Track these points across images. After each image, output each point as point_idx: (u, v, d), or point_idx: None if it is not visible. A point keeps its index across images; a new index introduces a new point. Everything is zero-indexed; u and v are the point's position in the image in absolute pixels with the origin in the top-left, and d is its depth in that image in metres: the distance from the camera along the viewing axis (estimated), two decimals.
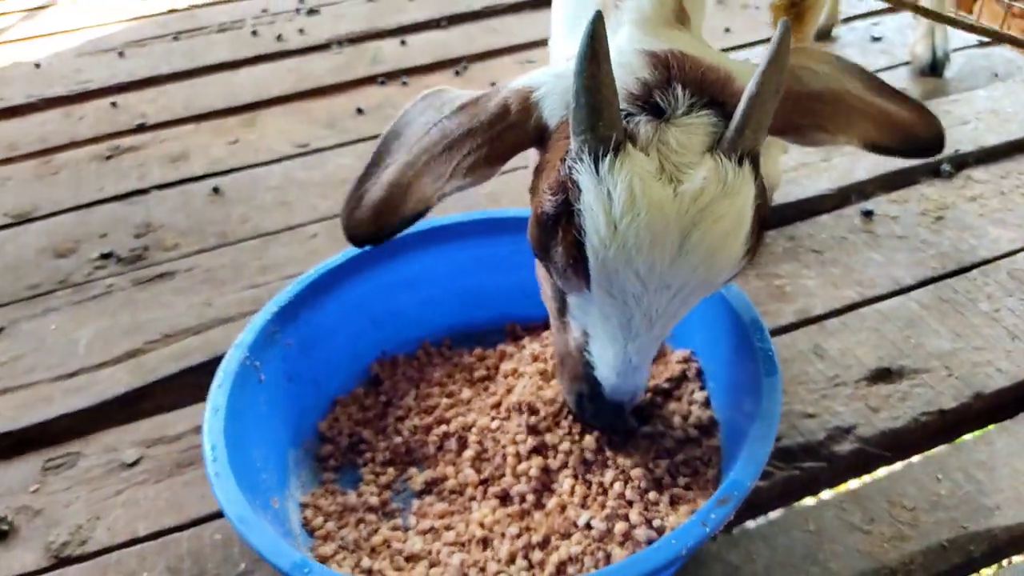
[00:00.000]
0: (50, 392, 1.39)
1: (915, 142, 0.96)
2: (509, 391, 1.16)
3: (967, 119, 1.86)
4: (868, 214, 1.60)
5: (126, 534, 1.15)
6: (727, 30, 2.42)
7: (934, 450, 1.17)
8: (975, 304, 1.37)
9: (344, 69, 2.42)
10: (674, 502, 1.01)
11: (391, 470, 1.15)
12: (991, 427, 1.19)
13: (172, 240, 1.77)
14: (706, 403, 1.12)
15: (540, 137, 0.88)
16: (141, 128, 2.23)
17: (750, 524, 1.08)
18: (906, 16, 2.38)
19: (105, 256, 1.73)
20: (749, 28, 2.43)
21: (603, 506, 1.01)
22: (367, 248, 0.93)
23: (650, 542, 0.96)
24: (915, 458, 1.16)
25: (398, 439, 1.18)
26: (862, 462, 1.15)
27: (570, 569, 0.96)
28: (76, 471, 1.26)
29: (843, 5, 2.44)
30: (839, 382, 1.25)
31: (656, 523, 0.99)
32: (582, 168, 0.78)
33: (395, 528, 1.08)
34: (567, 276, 0.85)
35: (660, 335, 0.89)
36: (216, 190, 1.91)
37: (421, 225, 0.97)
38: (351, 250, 1.25)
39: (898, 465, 1.15)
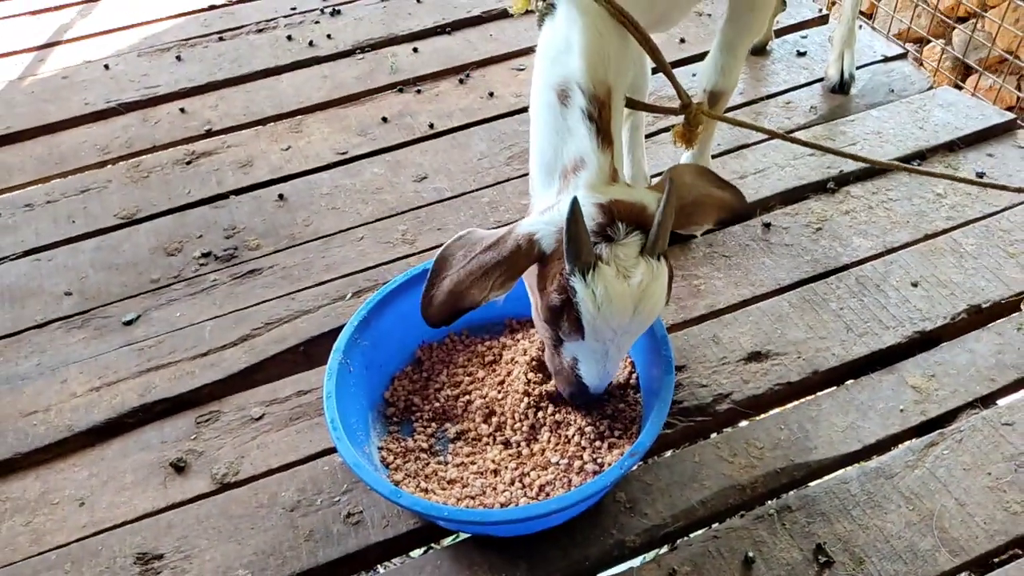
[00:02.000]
0: (191, 368, 2.01)
1: (737, 214, 1.59)
2: (509, 374, 1.79)
3: (856, 140, 2.43)
4: (767, 225, 2.19)
5: (264, 467, 1.80)
6: (682, 40, 2.94)
7: (780, 409, 1.81)
8: (827, 304, 1.99)
9: (367, 77, 2.94)
10: (611, 447, 1.65)
11: (433, 424, 1.79)
12: (820, 394, 1.83)
13: (254, 241, 2.36)
14: (636, 385, 1.75)
15: (541, 258, 1.47)
16: (209, 133, 2.77)
17: (659, 457, 1.73)
18: (827, 30, 2.90)
19: (205, 255, 2.32)
20: (702, 38, 2.94)
21: (567, 450, 1.65)
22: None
23: (595, 473, 1.61)
24: (768, 414, 1.80)
25: (437, 404, 1.81)
26: (733, 417, 1.80)
27: (547, 489, 1.61)
28: (220, 424, 1.90)
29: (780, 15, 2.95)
30: (726, 362, 1.88)
31: (599, 461, 1.63)
32: (576, 279, 1.38)
33: (439, 463, 1.72)
34: (570, 334, 1.47)
35: (622, 355, 1.53)
36: (281, 196, 2.48)
37: None
38: (401, 276, 1.85)
39: (756, 419, 1.80)
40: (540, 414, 1.71)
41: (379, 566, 1.67)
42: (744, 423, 1.80)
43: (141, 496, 1.78)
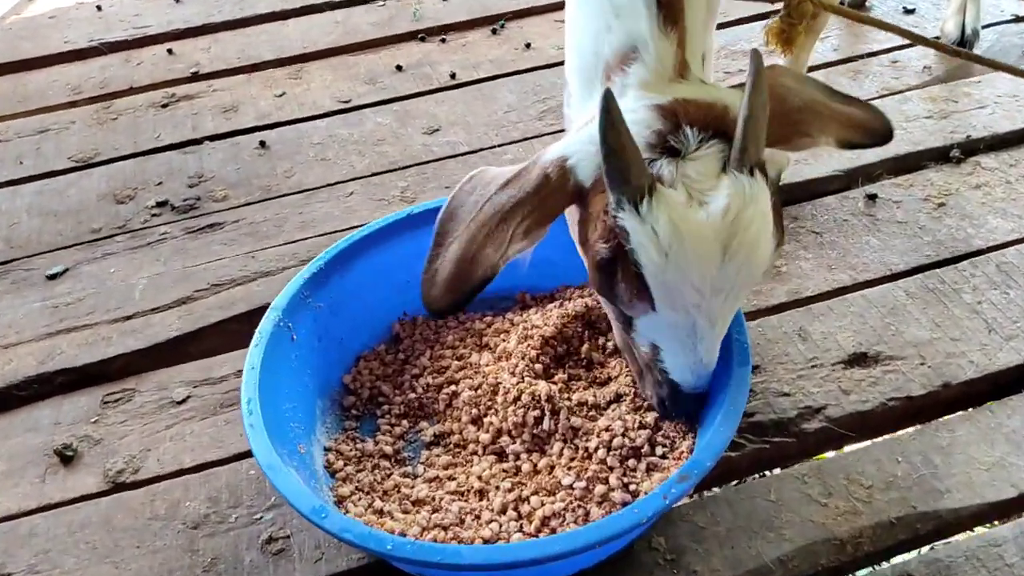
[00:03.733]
0: (109, 333, 1.56)
1: (874, 136, 1.09)
2: (512, 359, 1.28)
3: (985, 103, 1.89)
4: (872, 197, 1.67)
5: (173, 465, 1.32)
6: None
7: (898, 433, 1.28)
8: (959, 295, 1.45)
9: (386, 24, 2.50)
10: (650, 469, 1.14)
11: (405, 422, 1.30)
12: (954, 415, 1.29)
13: (222, 192, 1.91)
14: None
15: (579, 195, 1.01)
16: (195, 76, 2.35)
17: (718, 490, 1.21)
18: None
19: (160, 204, 1.88)
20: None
21: (586, 469, 1.14)
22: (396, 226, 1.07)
23: (625, 504, 1.09)
24: (878, 439, 1.27)
25: (412, 395, 1.32)
26: (828, 440, 1.27)
27: (553, 523, 1.10)
28: (131, 406, 1.43)
29: None
30: (817, 364, 1.35)
31: (632, 488, 1.12)
32: (625, 215, 0.92)
33: (405, 475, 1.23)
34: (632, 304, 1.00)
35: (721, 332, 1.05)
36: (263, 143, 2.04)
37: (442, 203, 1.09)
38: (377, 221, 1.38)
39: (862, 445, 1.27)
40: (551, 417, 1.20)
41: None
42: (843, 450, 1.27)
43: (10, 492, 1.32)
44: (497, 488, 1.16)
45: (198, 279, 1.66)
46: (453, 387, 1.31)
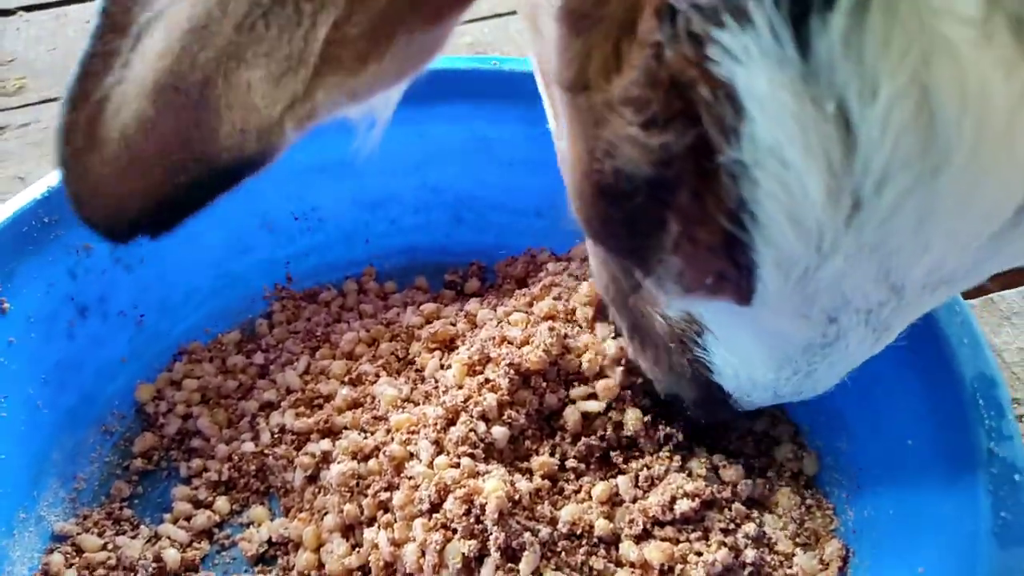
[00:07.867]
0: None
1: None
2: (446, 406, 0.61)
3: None
4: None
5: None
6: None
7: None
8: None
9: None
10: None
11: (222, 502, 0.65)
12: None
13: (17, 82, 1.28)
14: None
15: None
16: None
17: None
18: None
19: None
20: None
21: None
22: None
23: None
24: None
25: (250, 445, 0.67)
26: None
27: None
28: None
29: None
30: None
31: None
32: (741, 44, 0.25)
33: None
34: (689, 286, 0.36)
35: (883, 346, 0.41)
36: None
37: None
38: None
39: None
40: (500, 560, 0.53)
41: None
42: None
43: None
44: None
45: None
46: (327, 443, 0.65)
